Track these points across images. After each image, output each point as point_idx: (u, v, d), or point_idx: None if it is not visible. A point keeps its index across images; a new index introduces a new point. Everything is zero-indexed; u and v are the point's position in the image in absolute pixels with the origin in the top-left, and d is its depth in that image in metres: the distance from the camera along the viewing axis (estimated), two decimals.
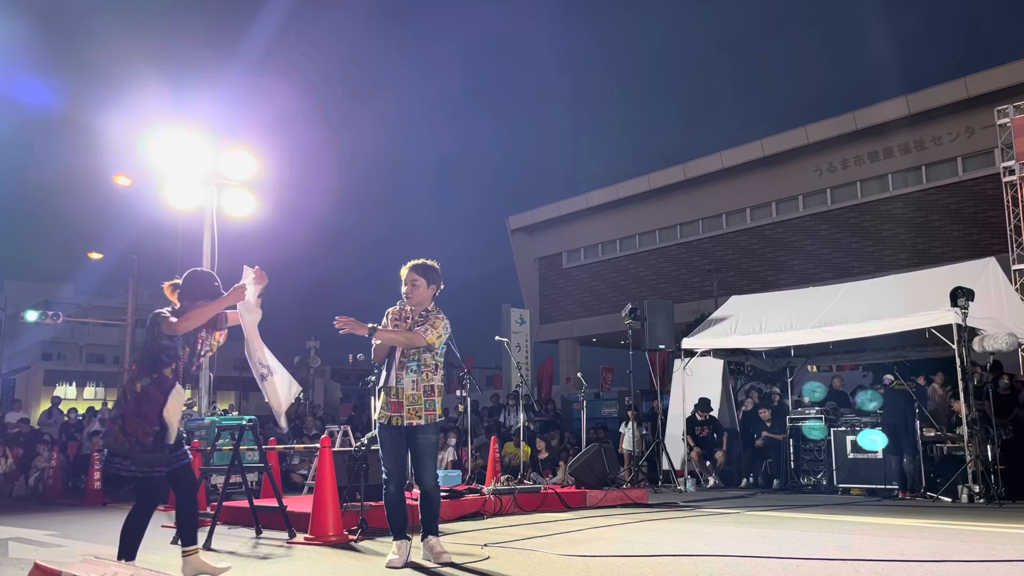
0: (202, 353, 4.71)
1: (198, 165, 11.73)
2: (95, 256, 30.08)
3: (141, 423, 4.32)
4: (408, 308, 5.19)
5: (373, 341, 5.05)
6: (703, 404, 12.67)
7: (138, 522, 4.43)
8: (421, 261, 5.26)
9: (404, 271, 5.22)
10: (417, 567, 4.90)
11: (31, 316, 22.32)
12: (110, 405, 24.37)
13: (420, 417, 5.03)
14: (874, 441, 7.92)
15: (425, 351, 5.10)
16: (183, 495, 4.59)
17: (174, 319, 4.44)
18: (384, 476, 5.12)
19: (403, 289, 5.19)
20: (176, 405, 4.42)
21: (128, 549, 4.37)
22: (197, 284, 4.67)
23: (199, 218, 12.15)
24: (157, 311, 4.57)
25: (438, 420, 5.12)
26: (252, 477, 9.00)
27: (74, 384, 58.33)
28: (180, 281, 4.71)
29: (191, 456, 4.79)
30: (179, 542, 4.64)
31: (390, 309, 5.28)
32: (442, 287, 5.29)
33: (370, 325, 4.95)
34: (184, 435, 4.75)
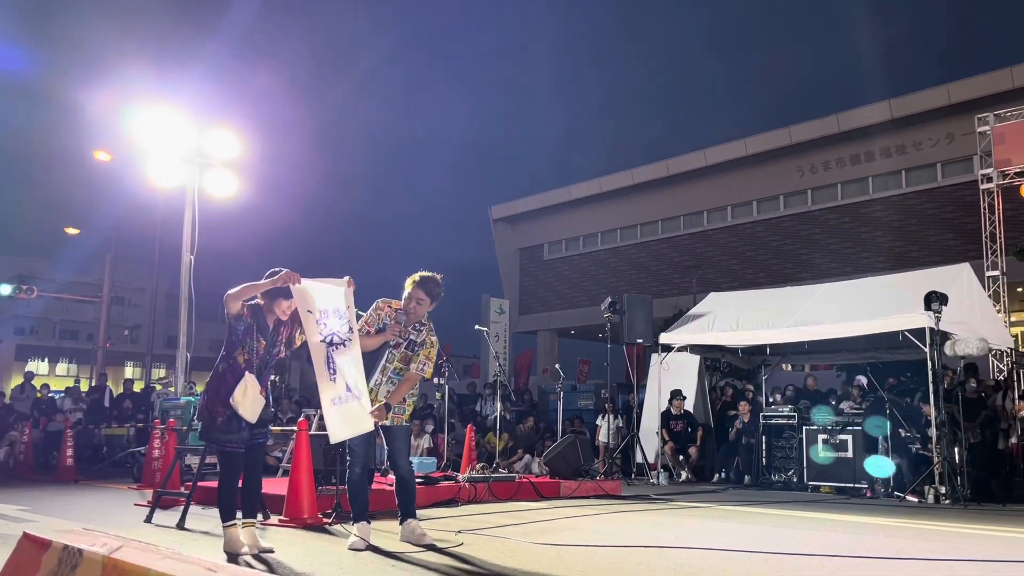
0: (279, 344, 4.98)
1: (180, 144, 11.64)
2: (71, 231, 29.79)
3: (216, 402, 4.78)
4: (402, 327, 5.20)
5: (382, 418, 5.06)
6: (677, 393, 12.80)
7: (224, 490, 4.90)
8: (430, 276, 5.23)
9: (410, 285, 5.19)
10: (377, 550, 4.94)
11: (4, 289, 22.07)
12: (83, 383, 24.16)
13: (388, 420, 5.13)
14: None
15: (408, 367, 5.20)
16: (249, 471, 5.02)
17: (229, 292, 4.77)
18: (348, 460, 5.19)
19: (407, 304, 5.18)
20: (245, 393, 4.72)
21: (225, 512, 4.83)
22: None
23: (180, 197, 12.06)
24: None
25: (405, 423, 5.29)
26: None
27: (46, 360, 57.75)
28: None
29: (267, 439, 5.21)
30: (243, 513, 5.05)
31: (381, 301, 5.28)
32: (437, 303, 5.31)
33: (385, 403, 5.02)
34: (273, 414, 5.22)
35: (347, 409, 4.86)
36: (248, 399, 4.74)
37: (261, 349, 4.88)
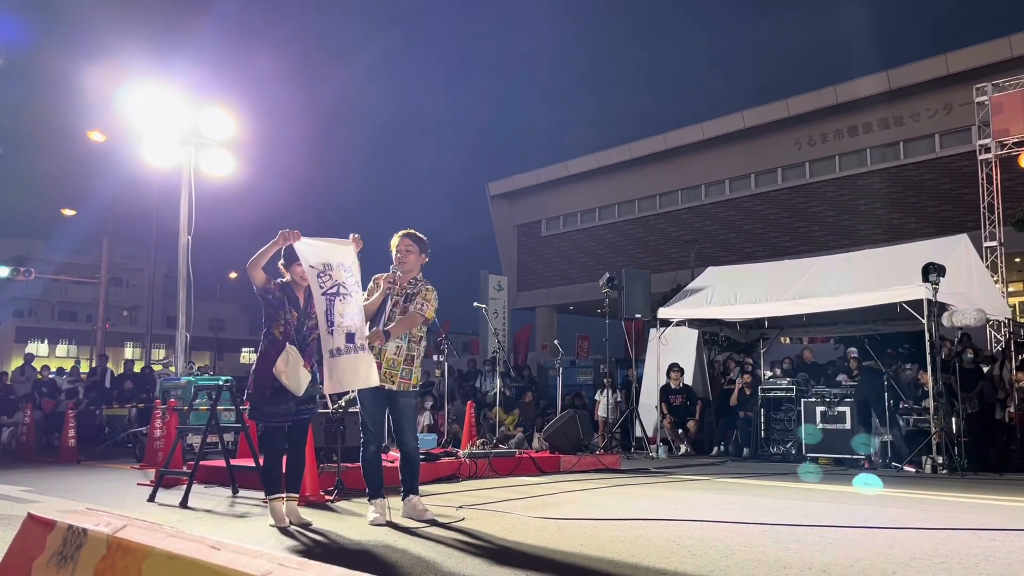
0: (313, 315, 5.04)
1: (176, 123, 11.59)
2: (68, 212, 29.73)
3: (261, 377, 4.95)
4: (398, 275, 5.25)
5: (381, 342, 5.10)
6: (675, 367, 12.85)
7: (267, 465, 5.12)
8: (412, 231, 5.34)
9: (396, 239, 5.30)
10: (395, 526, 4.99)
11: (2, 272, 22.03)
12: (83, 364, 24.17)
13: (394, 383, 5.14)
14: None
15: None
16: (291, 448, 5.16)
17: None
18: (363, 437, 5.23)
19: (395, 255, 5.28)
20: (287, 363, 4.84)
21: (269, 486, 5.04)
22: (290, 249, 5.02)
23: (176, 176, 12.02)
24: None
25: (412, 389, 5.25)
26: (229, 437, 9.04)
27: (46, 341, 57.85)
28: None
29: (315, 414, 5.37)
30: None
31: (377, 276, 5.34)
32: (427, 258, 5.39)
33: (384, 330, 5.05)
34: (319, 392, 5.26)
35: (346, 361, 4.84)
36: (290, 369, 4.87)
37: (294, 320, 5.03)
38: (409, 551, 4.19)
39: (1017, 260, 20.79)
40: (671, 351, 13.05)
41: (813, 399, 11.18)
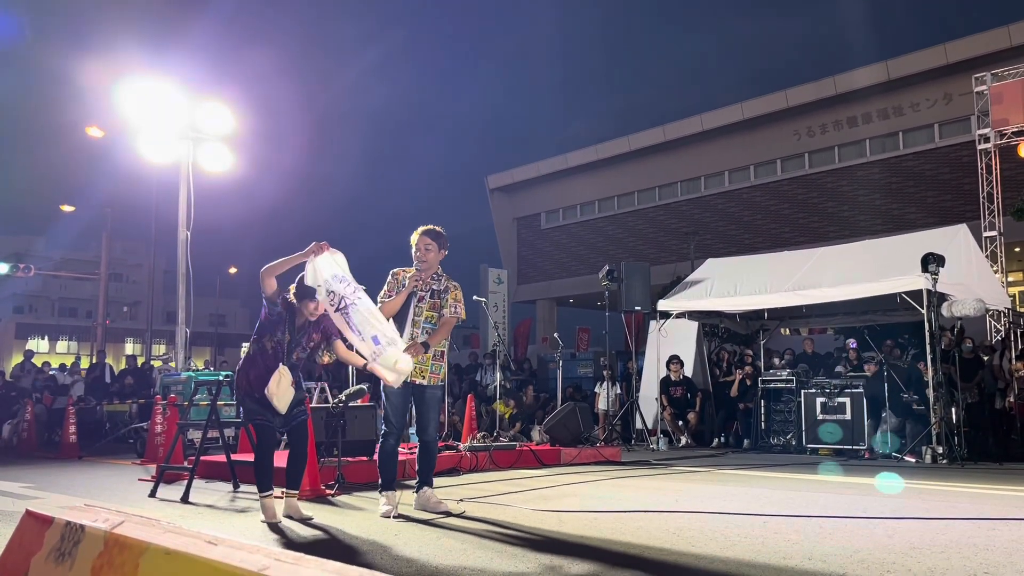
0: (307, 346, 5.15)
1: (174, 118, 11.57)
2: (67, 208, 29.73)
3: (247, 383, 5.04)
4: (419, 272, 5.31)
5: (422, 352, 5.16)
6: (675, 359, 12.86)
7: (259, 461, 5.17)
8: (431, 227, 5.41)
9: (416, 237, 5.36)
10: (402, 518, 5.01)
11: (2, 268, 22.04)
12: (83, 360, 24.17)
13: (424, 378, 5.23)
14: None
15: (441, 317, 5.31)
16: (293, 447, 5.31)
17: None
18: (384, 429, 5.30)
19: (415, 253, 5.34)
20: (279, 384, 4.94)
21: (261, 483, 5.07)
22: (302, 287, 5.11)
23: (175, 172, 12.01)
24: None
25: (440, 383, 5.37)
26: (229, 432, 9.04)
27: (46, 338, 57.90)
28: None
29: (307, 415, 5.41)
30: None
31: (396, 270, 5.39)
32: (446, 252, 5.46)
33: (421, 342, 5.14)
34: (306, 394, 5.44)
35: (387, 359, 4.94)
36: (281, 390, 4.96)
37: (285, 341, 5.07)
38: (409, 545, 4.20)
39: (1017, 250, 20.76)
40: (671, 343, 13.05)
41: (813, 390, 11.18)
